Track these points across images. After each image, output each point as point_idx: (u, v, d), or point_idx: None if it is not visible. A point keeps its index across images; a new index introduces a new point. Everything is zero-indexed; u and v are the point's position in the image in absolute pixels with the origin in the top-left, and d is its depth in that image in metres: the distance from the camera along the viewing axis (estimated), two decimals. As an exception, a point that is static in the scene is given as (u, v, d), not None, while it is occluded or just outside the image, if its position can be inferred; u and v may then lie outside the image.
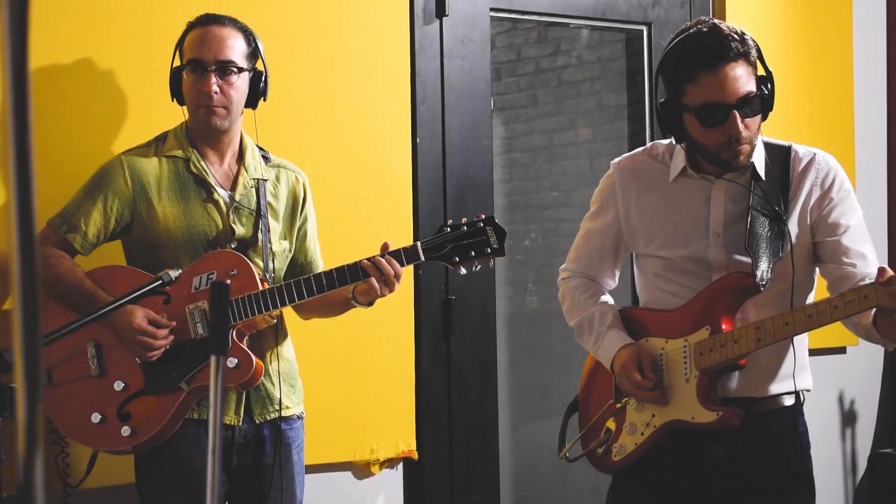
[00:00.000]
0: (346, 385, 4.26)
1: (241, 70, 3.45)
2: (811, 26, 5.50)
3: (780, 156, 3.25)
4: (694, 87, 3.07)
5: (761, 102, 3.10)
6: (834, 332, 3.36)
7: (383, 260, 3.34)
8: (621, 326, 3.36)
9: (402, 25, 4.44)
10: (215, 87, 3.40)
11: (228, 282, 1.82)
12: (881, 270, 2.93)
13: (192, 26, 3.49)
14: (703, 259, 3.23)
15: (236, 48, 3.45)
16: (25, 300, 1.06)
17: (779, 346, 3.18)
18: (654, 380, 3.22)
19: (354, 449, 4.31)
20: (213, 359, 1.79)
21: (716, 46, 3.04)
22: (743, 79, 3.05)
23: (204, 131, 3.49)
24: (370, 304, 3.46)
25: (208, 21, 3.47)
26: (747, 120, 3.07)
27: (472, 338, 4.61)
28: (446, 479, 4.54)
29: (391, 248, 3.38)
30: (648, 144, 3.46)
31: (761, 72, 3.13)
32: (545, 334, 6.46)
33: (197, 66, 3.42)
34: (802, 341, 3.30)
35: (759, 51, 3.12)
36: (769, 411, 3.26)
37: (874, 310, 3.01)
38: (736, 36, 3.05)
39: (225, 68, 3.42)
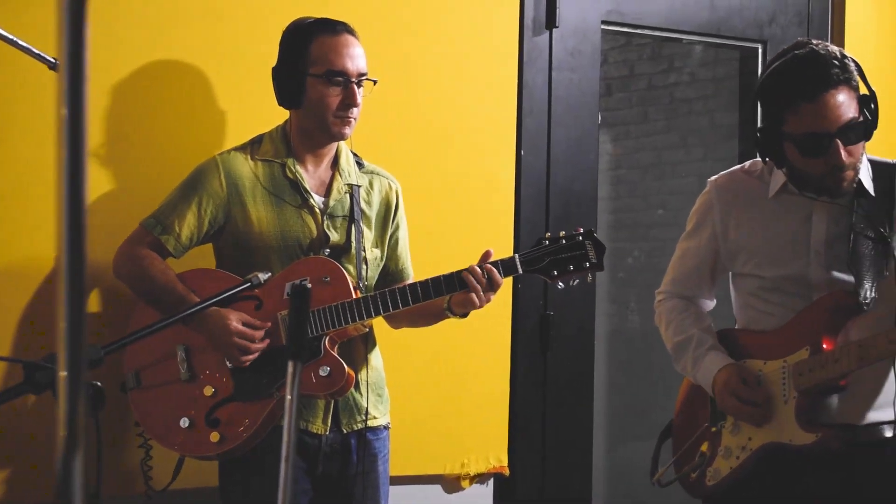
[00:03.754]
0: (439, 397, 4.23)
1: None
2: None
3: (885, 174, 3.18)
4: (794, 117, 3.00)
5: (864, 127, 3.02)
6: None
7: (479, 269, 3.29)
8: (721, 348, 3.29)
9: (511, 35, 4.40)
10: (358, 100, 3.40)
11: (309, 286, 1.78)
12: None
13: (316, 32, 3.40)
14: (803, 278, 3.16)
15: (365, 58, 3.44)
16: (72, 298, 1.03)
17: (881, 372, 3.09)
18: (761, 393, 3.15)
19: (445, 462, 4.27)
20: (289, 364, 1.75)
21: (816, 75, 2.96)
22: (845, 105, 2.97)
23: (318, 138, 3.45)
24: (464, 315, 3.42)
25: (340, 29, 3.41)
26: (850, 147, 3.00)
27: (569, 355, 4.54)
28: (537, 496, 4.48)
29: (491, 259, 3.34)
30: (747, 162, 3.39)
31: (864, 90, 3.04)
32: (647, 354, 6.37)
33: (341, 77, 3.37)
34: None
35: (860, 70, 3.03)
36: (866, 441, 3.16)
37: None
38: (836, 61, 2.97)
39: (362, 81, 3.41)
